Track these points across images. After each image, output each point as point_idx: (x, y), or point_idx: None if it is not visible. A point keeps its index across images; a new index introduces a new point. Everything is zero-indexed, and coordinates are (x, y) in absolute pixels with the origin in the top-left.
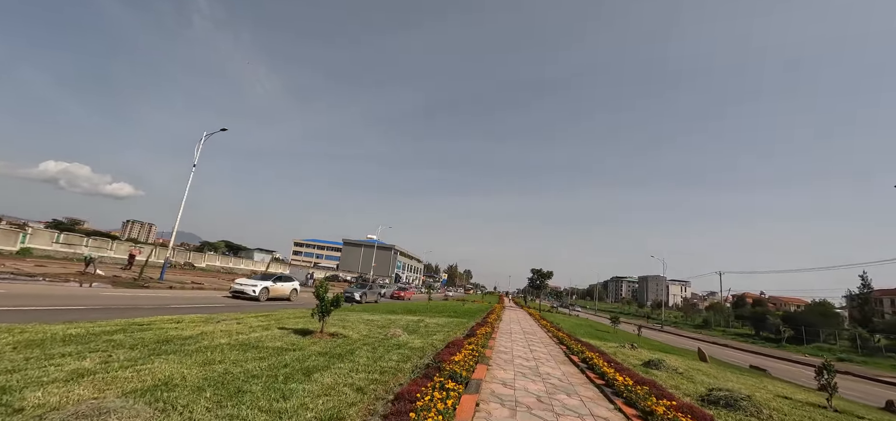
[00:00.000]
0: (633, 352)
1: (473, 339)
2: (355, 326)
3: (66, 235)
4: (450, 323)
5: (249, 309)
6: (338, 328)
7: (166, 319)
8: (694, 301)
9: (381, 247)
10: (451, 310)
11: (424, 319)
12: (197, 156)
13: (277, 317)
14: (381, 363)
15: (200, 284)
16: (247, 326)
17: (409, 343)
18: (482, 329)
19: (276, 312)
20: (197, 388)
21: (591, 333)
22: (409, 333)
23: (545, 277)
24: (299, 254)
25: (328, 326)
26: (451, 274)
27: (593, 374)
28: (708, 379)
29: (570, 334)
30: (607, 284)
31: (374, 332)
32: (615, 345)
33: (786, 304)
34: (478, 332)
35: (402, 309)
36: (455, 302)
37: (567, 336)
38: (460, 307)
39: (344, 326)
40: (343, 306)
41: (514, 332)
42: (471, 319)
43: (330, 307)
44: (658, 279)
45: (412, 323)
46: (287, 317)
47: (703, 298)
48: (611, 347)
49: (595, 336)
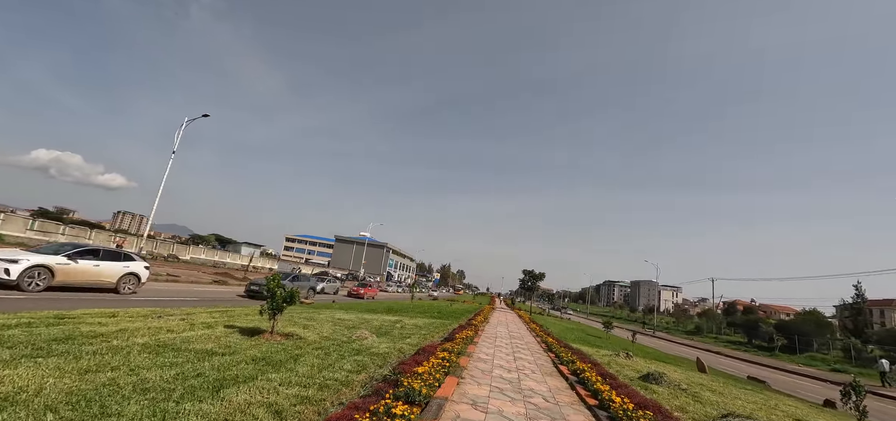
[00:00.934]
0: (629, 362)
1: (451, 344)
2: (321, 325)
3: (41, 222)
4: (430, 324)
5: (216, 303)
6: (297, 328)
7: (98, 312)
8: (685, 307)
9: (374, 244)
10: (436, 310)
11: (403, 320)
12: (177, 142)
13: (234, 314)
14: (327, 374)
15: (176, 277)
16: (188, 323)
17: (374, 348)
18: (463, 332)
19: (239, 308)
20: (45, 406)
21: (582, 338)
22: (380, 335)
23: (537, 279)
24: (291, 249)
25: (288, 325)
26: (443, 274)
27: (585, 391)
28: (715, 397)
29: (560, 340)
30: (600, 287)
31: (339, 333)
32: (609, 353)
33: (776, 312)
34: (458, 336)
35: (382, 308)
36: (443, 302)
37: (557, 342)
38: (447, 308)
39: (306, 326)
40: (317, 303)
41: (500, 336)
42: (455, 320)
43: (282, 304)
44: (650, 284)
45: (387, 324)
46: (246, 314)
47: (694, 304)
48: (604, 356)
49: (587, 342)
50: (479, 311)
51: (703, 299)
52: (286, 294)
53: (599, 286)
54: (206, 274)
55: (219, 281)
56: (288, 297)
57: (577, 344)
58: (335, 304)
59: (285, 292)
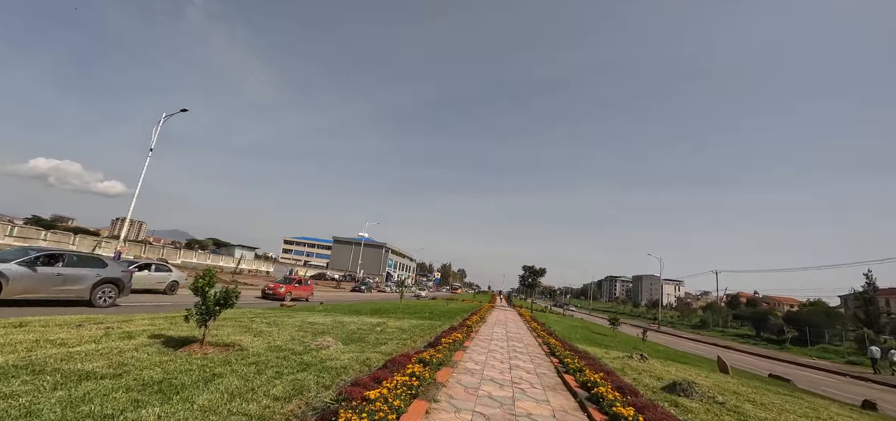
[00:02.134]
0: (645, 365)
1: (433, 351)
2: (281, 331)
3: (20, 228)
4: (417, 327)
5: (179, 309)
6: (247, 336)
7: (5, 323)
8: (688, 300)
9: (372, 244)
10: (429, 310)
11: (386, 323)
12: (154, 139)
13: (179, 320)
14: (240, 404)
15: None
16: (108, 333)
17: (331, 360)
18: (453, 336)
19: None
20: None
21: (588, 337)
22: (348, 342)
23: (538, 275)
24: (289, 251)
25: (237, 331)
26: (444, 273)
27: (601, 415)
28: (761, 412)
29: (564, 341)
30: (601, 283)
31: (297, 341)
32: (620, 355)
33: (780, 303)
34: (444, 340)
35: (368, 310)
36: (440, 301)
37: (561, 344)
38: (441, 307)
39: (261, 333)
40: (302, 305)
41: (496, 337)
42: (448, 320)
43: (215, 308)
44: (653, 278)
45: (365, 328)
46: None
47: (697, 298)
48: (615, 359)
49: (593, 342)
50: (477, 309)
51: (706, 292)
52: (220, 295)
53: (601, 282)
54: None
55: None
56: (222, 298)
57: (583, 345)
58: (324, 306)
59: (220, 293)
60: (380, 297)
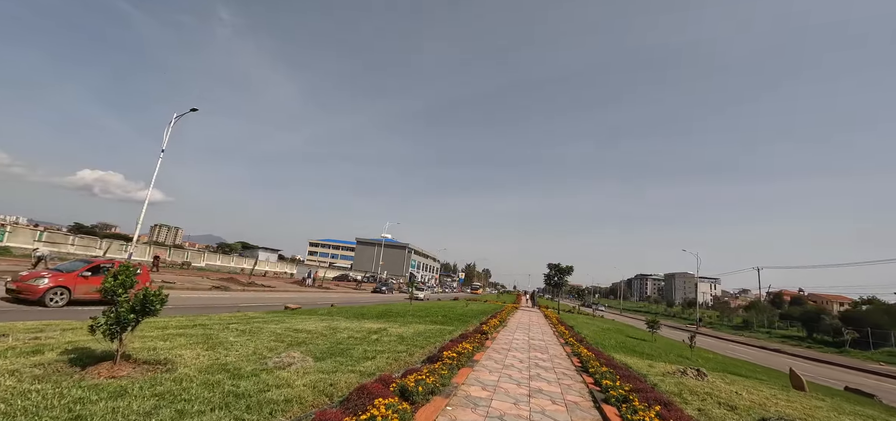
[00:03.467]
0: (706, 385)
1: (430, 369)
2: (246, 342)
3: (48, 234)
4: (423, 334)
5: None
6: (195, 348)
7: None
8: (725, 299)
9: (395, 245)
10: (443, 313)
11: (388, 328)
12: (165, 140)
13: None
14: None
15: (172, 283)
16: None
17: (280, 386)
18: (460, 346)
19: None
20: None
21: (623, 344)
22: (323, 357)
23: (564, 273)
24: (314, 254)
25: (192, 343)
26: (468, 273)
27: None
28: None
29: (597, 350)
30: (631, 282)
31: (256, 356)
32: (670, 368)
33: (827, 301)
34: (447, 354)
35: (375, 314)
36: (461, 302)
37: (595, 355)
38: (458, 310)
39: (216, 345)
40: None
41: (516, 346)
42: (462, 325)
43: (129, 316)
44: (686, 276)
45: (358, 336)
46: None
47: (735, 296)
48: (665, 375)
49: (631, 349)
50: (498, 311)
51: (744, 290)
52: (137, 301)
53: (631, 280)
54: (212, 279)
55: (220, 287)
56: (138, 305)
57: (619, 354)
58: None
59: (137, 299)
60: (402, 298)
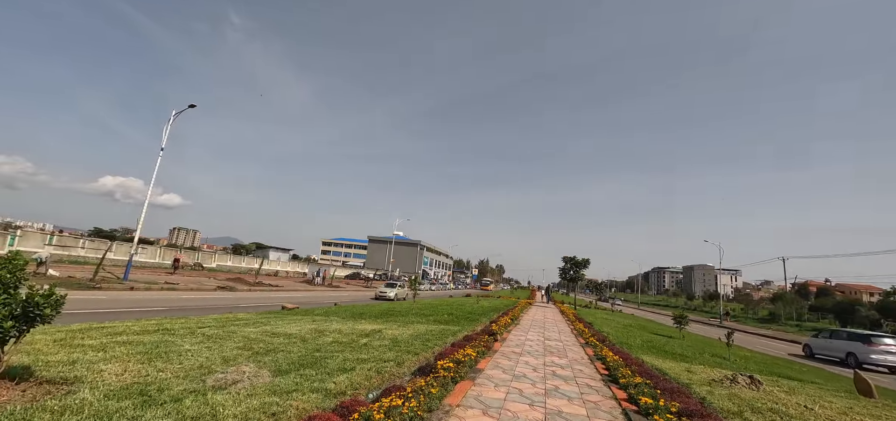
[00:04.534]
0: (764, 397)
1: (416, 386)
2: (201, 351)
3: (58, 237)
4: (421, 337)
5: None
6: (127, 363)
7: None
8: (746, 291)
9: (407, 243)
10: (449, 312)
11: (383, 330)
12: (165, 138)
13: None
14: None
15: (174, 285)
16: None
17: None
18: (462, 351)
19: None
20: None
21: (650, 342)
22: (286, 370)
23: (580, 266)
24: (328, 253)
25: (123, 355)
26: (481, 269)
27: None
28: None
29: (623, 351)
30: (648, 275)
31: (202, 369)
32: (713, 372)
33: (856, 291)
34: (441, 364)
35: (376, 312)
36: (473, 299)
37: (622, 359)
38: (468, 307)
39: (156, 357)
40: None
41: (529, 348)
42: (470, 324)
43: (6, 325)
44: (705, 268)
45: (344, 340)
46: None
47: (757, 288)
48: (710, 382)
49: (660, 349)
50: (510, 308)
51: (767, 282)
52: (17, 304)
53: (648, 273)
54: (218, 280)
55: (226, 287)
56: (19, 310)
57: (650, 356)
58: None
59: (16, 305)
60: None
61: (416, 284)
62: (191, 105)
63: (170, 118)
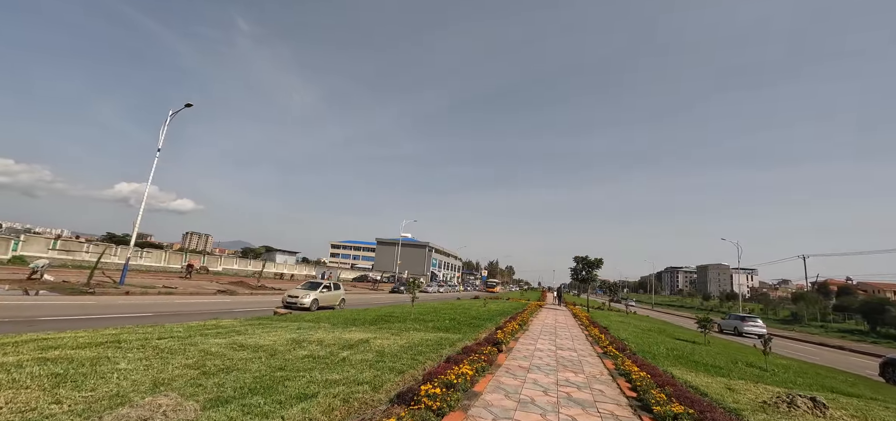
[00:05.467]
0: None
1: None
2: (149, 365)
3: (62, 242)
4: (416, 347)
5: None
6: (19, 386)
7: None
8: (763, 291)
9: (415, 244)
10: (454, 316)
11: (371, 340)
12: (161, 139)
13: None
14: None
15: (173, 289)
16: None
17: None
18: (457, 369)
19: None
20: None
21: (675, 350)
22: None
23: (593, 267)
24: (336, 255)
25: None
26: (491, 271)
27: None
28: None
29: (651, 365)
30: (661, 275)
31: (120, 396)
32: (760, 389)
33: (879, 290)
34: (426, 389)
35: (371, 317)
36: (480, 301)
37: (648, 373)
38: (473, 311)
39: (73, 376)
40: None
41: (539, 362)
42: (473, 331)
43: None
44: (720, 268)
45: (323, 352)
46: None
47: (774, 287)
48: (766, 406)
49: (689, 359)
50: (520, 311)
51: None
52: None
53: (661, 273)
54: (220, 283)
55: (226, 291)
56: None
57: (680, 369)
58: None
59: None
60: (420, 297)
61: (415, 288)
62: (187, 104)
63: (166, 119)
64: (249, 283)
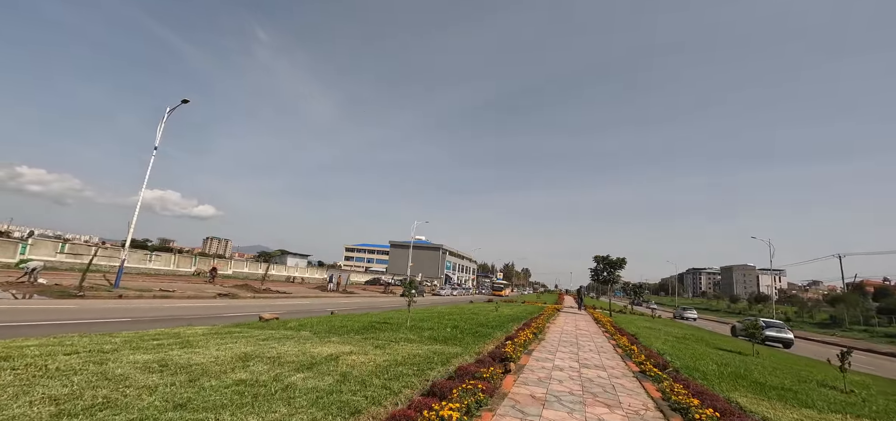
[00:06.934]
0: None
1: None
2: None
3: (70, 245)
4: (400, 366)
5: None
6: None
7: None
8: (792, 292)
9: (429, 247)
10: (457, 323)
11: (343, 356)
12: (158, 137)
13: None
14: None
15: (170, 292)
16: None
17: None
18: (441, 411)
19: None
20: None
21: (726, 366)
22: None
23: (615, 267)
24: (351, 258)
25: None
26: (507, 273)
27: None
28: None
29: (708, 392)
30: (683, 276)
31: None
32: None
33: None
34: None
35: (360, 325)
36: (492, 305)
37: (715, 412)
38: (481, 316)
39: None
40: (252, 323)
41: (559, 385)
42: (477, 342)
43: None
44: (745, 269)
45: (269, 375)
46: None
47: (804, 289)
48: None
49: (748, 380)
50: (534, 317)
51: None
52: None
53: (682, 275)
54: (223, 287)
55: (227, 294)
56: None
57: (744, 396)
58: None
59: None
60: (430, 301)
61: (411, 290)
62: (184, 100)
63: (163, 116)
64: (254, 286)
